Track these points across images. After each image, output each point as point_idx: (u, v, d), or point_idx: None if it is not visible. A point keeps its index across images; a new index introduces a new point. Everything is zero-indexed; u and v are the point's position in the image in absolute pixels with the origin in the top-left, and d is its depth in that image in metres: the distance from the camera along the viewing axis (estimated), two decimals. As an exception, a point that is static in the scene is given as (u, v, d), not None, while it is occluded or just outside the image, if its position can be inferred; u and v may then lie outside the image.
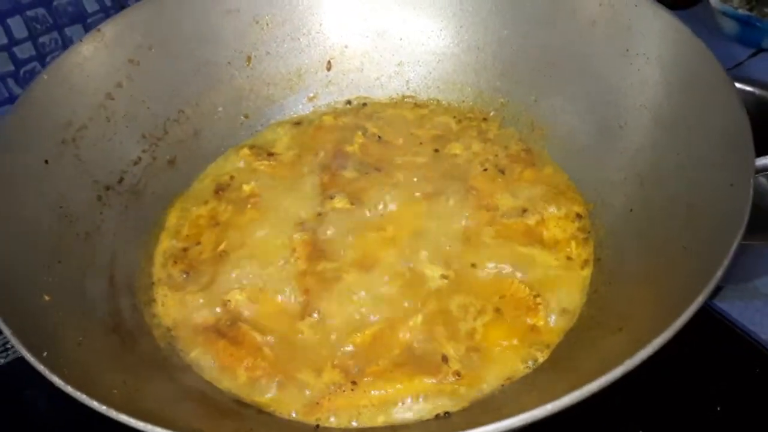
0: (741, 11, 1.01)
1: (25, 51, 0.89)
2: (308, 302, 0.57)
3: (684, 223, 0.51)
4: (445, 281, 0.58)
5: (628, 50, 0.63)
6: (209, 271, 0.60)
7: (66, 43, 0.90)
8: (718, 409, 0.62)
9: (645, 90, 0.61)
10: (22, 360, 0.68)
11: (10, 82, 0.89)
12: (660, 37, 0.60)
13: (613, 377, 0.38)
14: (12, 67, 0.88)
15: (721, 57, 0.55)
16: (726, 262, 0.42)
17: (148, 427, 0.35)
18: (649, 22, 0.61)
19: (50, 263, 0.53)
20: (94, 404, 0.36)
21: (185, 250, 0.62)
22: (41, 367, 0.38)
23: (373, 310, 0.56)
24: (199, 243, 0.63)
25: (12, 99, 0.89)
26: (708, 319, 0.68)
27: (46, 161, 0.58)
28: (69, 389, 0.37)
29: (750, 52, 1.02)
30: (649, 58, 0.61)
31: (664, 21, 0.59)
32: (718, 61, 0.54)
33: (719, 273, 0.42)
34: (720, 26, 1.05)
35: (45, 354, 0.40)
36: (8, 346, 0.73)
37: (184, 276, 0.60)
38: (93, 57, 0.64)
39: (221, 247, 0.62)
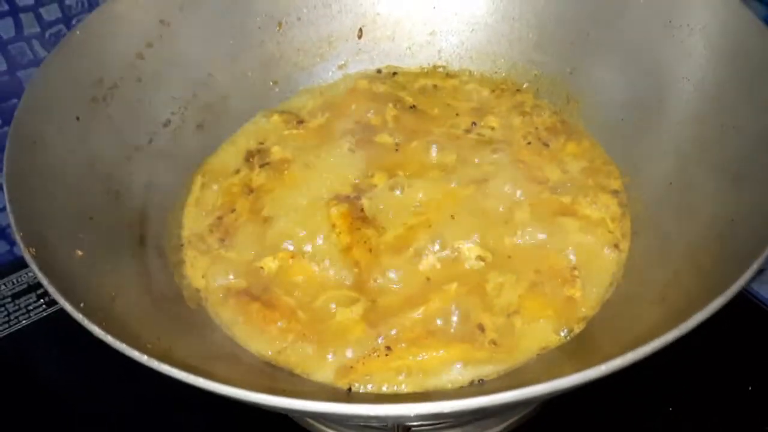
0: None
1: (51, 12, 0.87)
2: (345, 271, 0.56)
3: (730, 196, 0.50)
4: (482, 263, 0.57)
5: (670, 21, 0.61)
6: (244, 238, 0.59)
7: (92, 5, 0.89)
8: (750, 389, 0.62)
9: (688, 62, 0.60)
10: (24, 330, 0.70)
11: (36, 43, 0.88)
12: (706, 7, 0.59)
13: (651, 349, 0.36)
14: (38, 29, 0.87)
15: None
16: None
17: (190, 377, 0.34)
18: (693, -10, 0.59)
19: (82, 220, 0.52)
20: (135, 354, 0.36)
21: (220, 218, 0.62)
22: (79, 316, 0.37)
23: (409, 281, 0.55)
24: (233, 210, 0.62)
25: (37, 61, 0.88)
26: (745, 303, 0.67)
27: (78, 118, 0.57)
28: (109, 338, 0.36)
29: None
30: (693, 29, 0.60)
31: (710, -10, 0.58)
32: (766, 27, 0.52)
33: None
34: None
35: (82, 305, 0.39)
36: (11, 317, 0.73)
37: (221, 242, 0.59)
38: (125, 15, 0.63)
39: (257, 213, 0.61)
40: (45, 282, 0.39)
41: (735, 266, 0.41)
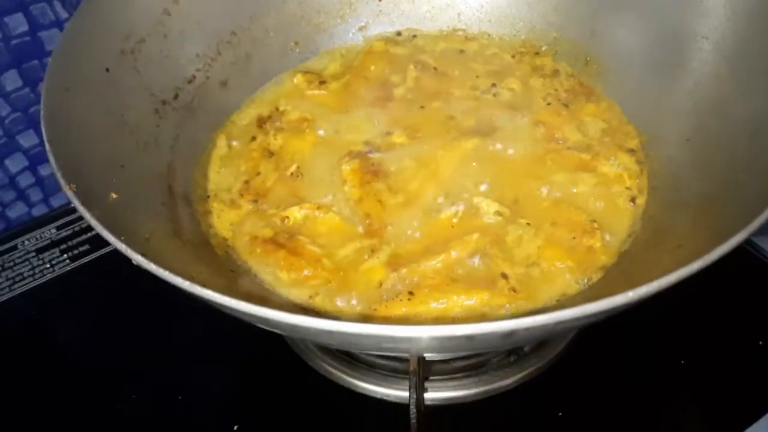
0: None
1: (72, -27, 0.88)
2: (367, 222, 0.58)
3: (746, 150, 0.51)
4: (500, 218, 0.58)
5: (690, -19, 0.62)
6: (273, 196, 0.61)
7: (113, -32, 0.89)
8: (761, 343, 0.63)
9: (707, 22, 0.61)
10: (48, 283, 0.72)
11: (57, 4, 0.89)
12: (726, -33, 0.59)
13: (667, 283, 0.37)
14: (59, -10, 0.87)
15: None
16: None
17: (241, 304, 0.35)
18: (713, -49, 0.60)
19: (114, 166, 0.54)
20: (179, 281, 0.37)
21: (247, 182, 0.63)
22: (122, 246, 0.39)
23: (429, 231, 0.57)
24: (258, 173, 0.64)
25: (58, 22, 0.88)
26: (753, 259, 0.68)
27: (107, 69, 0.59)
28: (152, 267, 0.38)
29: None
30: (712, -11, 0.60)
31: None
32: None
33: None
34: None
35: (122, 239, 0.41)
36: (35, 271, 0.75)
37: (254, 203, 0.61)
38: (152, -29, 0.64)
39: (282, 172, 0.63)
40: (87, 215, 0.41)
41: (749, 211, 0.42)
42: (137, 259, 0.38)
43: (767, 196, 0.42)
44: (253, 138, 0.68)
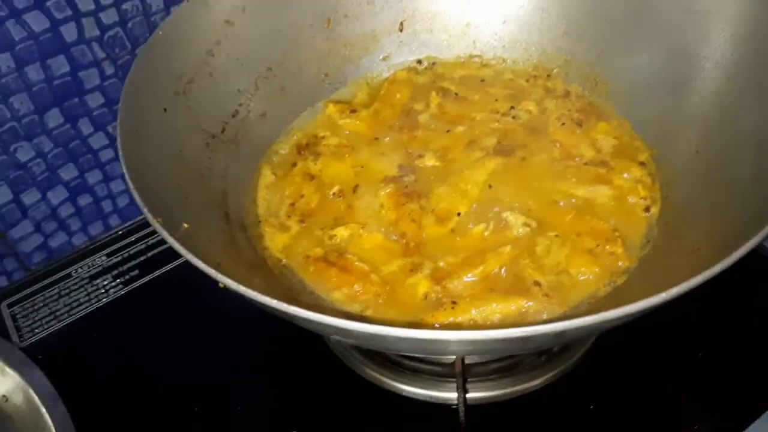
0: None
1: (109, 17, 0.93)
2: (404, 242, 0.64)
3: (753, 160, 0.56)
4: (528, 228, 0.63)
5: (690, 7, 0.68)
6: (319, 216, 0.67)
7: (146, 10, 0.95)
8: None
9: (708, 43, 0.66)
10: (105, 308, 0.77)
11: (95, 46, 0.94)
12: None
13: (688, 287, 0.42)
14: (97, 32, 0.93)
15: None
16: None
17: (301, 311, 0.41)
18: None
19: (180, 198, 0.59)
20: (266, 300, 0.43)
21: (293, 204, 0.69)
22: (212, 272, 0.44)
23: (464, 245, 0.63)
24: (302, 196, 0.69)
25: (97, 62, 0.93)
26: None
27: (165, 110, 0.64)
28: (246, 290, 0.43)
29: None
30: (712, 13, 0.66)
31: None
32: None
33: None
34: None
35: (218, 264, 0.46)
36: (91, 296, 0.80)
37: (300, 224, 0.67)
38: (197, 17, 0.70)
39: (324, 194, 0.69)
40: (176, 245, 0.46)
41: (761, 217, 0.47)
42: (228, 283, 0.43)
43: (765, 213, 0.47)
44: (294, 164, 0.73)
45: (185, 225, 0.55)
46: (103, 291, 0.81)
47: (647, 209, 0.64)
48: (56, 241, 0.96)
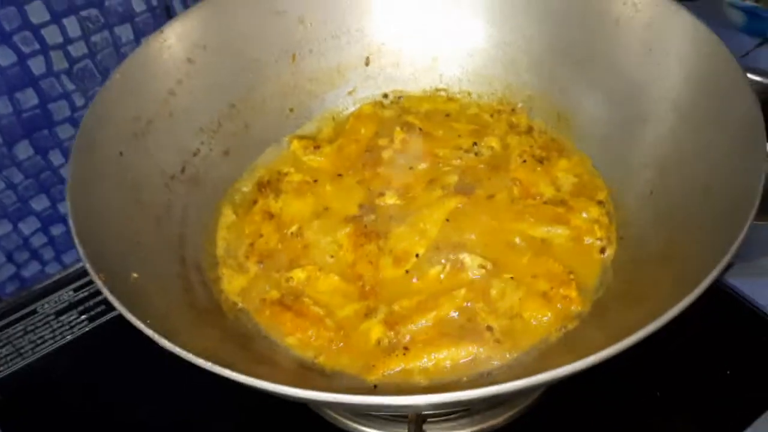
0: (747, 2, 1.06)
1: (78, 49, 0.94)
2: (360, 284, 0.64)
3: (701, 205, 0.56)
4: (483, 270, 0.63)
5: (650, 48, 0.68)
6: (276, 257, 0.67)
7: (116, 42, 0.95)
8: (728, 372, 0.69)
9: (665, 83, 0.67)
10: (70, 345, 0.76)
11: (64, 78, 0.95)
12: (680, 34, 0.65)
13: (634, 340, 0.43)
14: (66, 65, 0.93)
15: (728, 47, 0.60)
16: (739, 240, 0.47)
17: (249, 379, 0.41)
18: (669, 20, 0.66)
19: (132, 245, 0.59)
20: (201, 362, 0.43)
21: (252, 244, 0.69)
22: (150, 332, 0.44)
23: (420, 287, 0.63)
24: (261, 235, 0.69)
25: (66, 95, 0.94)
26: (720, 294, 0.74)
27: (121, 153, 0.64)
28: (181, 352, 0.43)
29: (756, 43, 1.07)
30: (669, 54, 0.66)
31: (684, 19, 0.64)
32: (734, 58, 0.59)
33: (733, 249, 0.47)
34: (727, 17, 1.09)
35: (148, 322, 0.46)
36: (56, 333, 0.80)
37: (258, 265, 0.67)
38: (157, 56, 0.70)
39: (283, 234, 0.68)
40: (117, 304, 0.46)
41: (704, 267, 0.48)
42: (163, 343, 0.43)
43: (713, 258, 0.47)
44: (255, 202, 0.73)
45: (134, 275, 0.55)
46: (68, 327, 0.81)
47: (603, 251, 0.64)
48: (29, 271, 0.96)
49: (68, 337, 0.80)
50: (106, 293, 0.47)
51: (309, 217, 0.70)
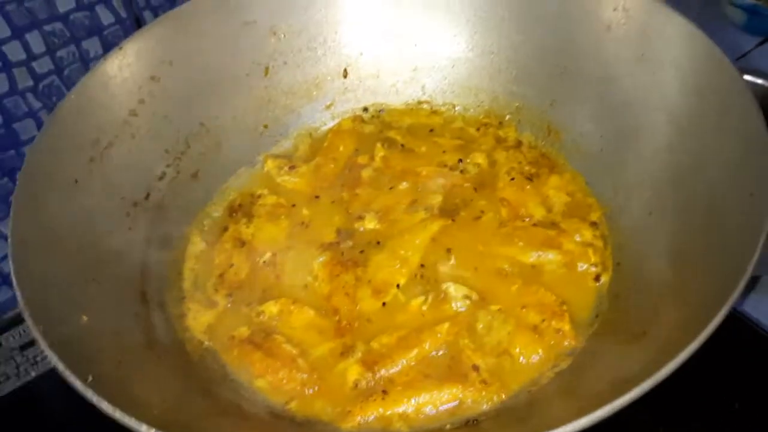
0: (748, 0, 1.02)
1: (43, 65, 0.89)
2: (336, 319, 0.59)
3: (705, 225, 0.52)
4: (468, 301, 0.59)
5: (643, 55, 0.63)
6: (247, 289, 0.62)
7: (83, 56, 0.91)
8: (736, 405, 0.64)
9: (660, 93, 0.62)
10: (34, 381, 0.72)
11: (30, 96, 0.90)
12: (674, 41, 0.61)
13: (639, 392, 0.38)
14: (31, 82, 0.89)
15: (728, 46, 0.55)
16: (751, 265, 0.42)
17: None
18: (663, 26, 0.61)
19: (85, 283, 0.54)
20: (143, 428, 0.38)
21: (221, 275, 0.64)
22: (89, 393, 0.40)
23: (400, 321, 0.58)
24: (232, 265, 0.64)
25: (32, 113, 0.90)
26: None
27: (76, 180, 0.60)
28: (117, 414, 0.38)
29: (757, 41, 1.03)
30: (664, 62, 0.62)
31: (679, 25, 0.60)
32: (733, 66, 0.54)
33: (745, 278, 0.42)
34: (727, 15, 1.05)
35: (90, 379, 0.41)
36: (20, 369, 0.76)
37: (228, 298, 0.62)
38: (116, 75, 0.66)
39: (254, 263, 0.63)
40: (55, 360, 0.41)
41: (713, 298, 0.43)
42: (104, 407, 0.38)
43: (727, 287, 0.42)
44: (225, 228, 0.68)
45: (84, 318, 0.50)
46: (32, 362, 0.77)
47: (597, 278, 0.59)
48: (1, 296, 0.92)
49: (32, 373, 0.75)
50: (44, 347, 0.42)
51: (283, 244, 0.66)
